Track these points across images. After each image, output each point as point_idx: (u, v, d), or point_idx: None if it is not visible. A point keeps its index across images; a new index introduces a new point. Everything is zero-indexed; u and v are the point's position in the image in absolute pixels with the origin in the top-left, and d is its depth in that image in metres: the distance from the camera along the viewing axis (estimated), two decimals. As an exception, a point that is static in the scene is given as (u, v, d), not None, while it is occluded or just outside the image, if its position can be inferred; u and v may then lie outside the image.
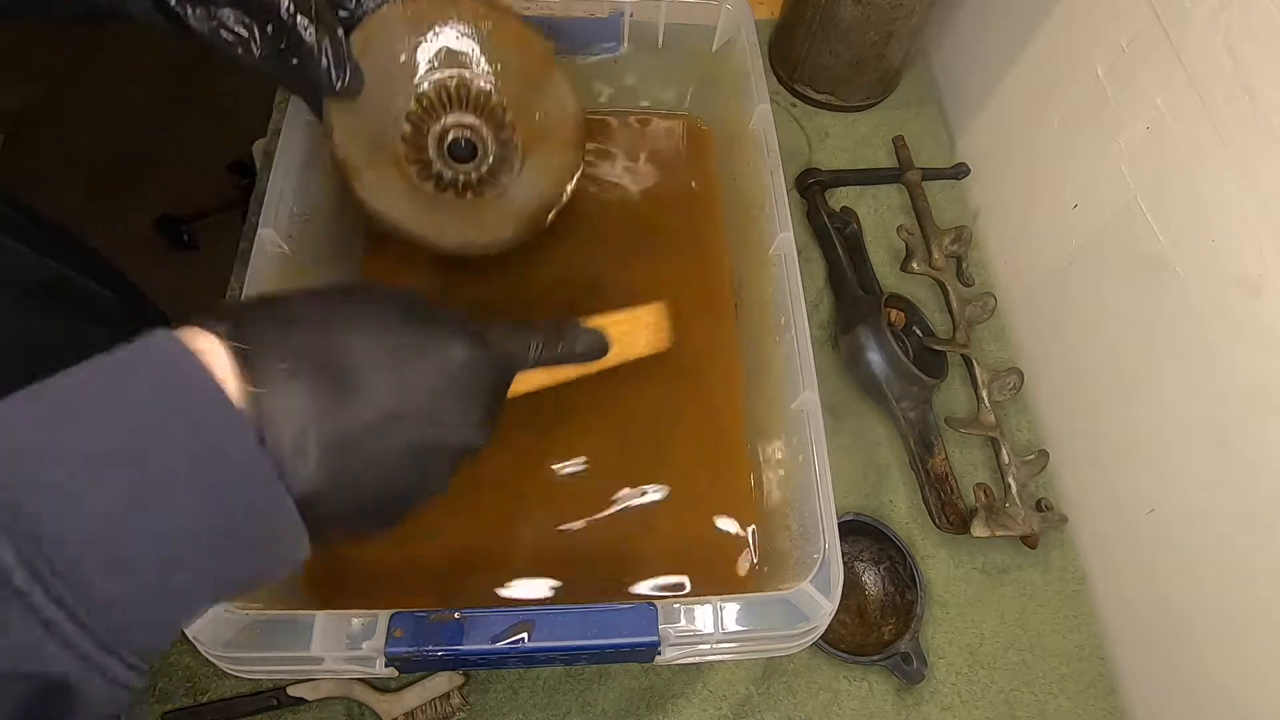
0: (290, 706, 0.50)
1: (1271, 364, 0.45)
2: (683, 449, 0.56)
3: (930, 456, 0.61)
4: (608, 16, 0.58)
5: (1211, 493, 0.50)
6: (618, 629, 0.38)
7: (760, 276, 0.53)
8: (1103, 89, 0.56)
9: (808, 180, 0.72)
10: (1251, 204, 0.45)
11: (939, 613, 0.57)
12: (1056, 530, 0.61)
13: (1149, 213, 0.53)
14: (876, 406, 0.64)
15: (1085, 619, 0.58)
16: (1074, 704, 0.55)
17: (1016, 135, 0.69)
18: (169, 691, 0.50)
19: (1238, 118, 0.45)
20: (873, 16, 0.68)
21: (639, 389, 0.57)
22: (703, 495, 0.54)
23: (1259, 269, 0.44)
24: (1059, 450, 0.62)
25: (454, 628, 0.37)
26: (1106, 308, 0.58)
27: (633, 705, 0.52)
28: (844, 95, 0.77)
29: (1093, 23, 0.58)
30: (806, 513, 0.43)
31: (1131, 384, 0.56)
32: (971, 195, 0.75)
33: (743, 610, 0.39)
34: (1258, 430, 0.46)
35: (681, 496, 0.54)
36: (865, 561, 0.59)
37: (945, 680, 0.55)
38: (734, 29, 0.59)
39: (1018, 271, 0.68)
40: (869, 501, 0.61)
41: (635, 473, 0.55)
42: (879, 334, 0.60)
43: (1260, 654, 0.47)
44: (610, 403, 0.57)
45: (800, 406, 0.45)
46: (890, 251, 0.71)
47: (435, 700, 0.51)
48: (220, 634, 0.37)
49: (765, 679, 0.54)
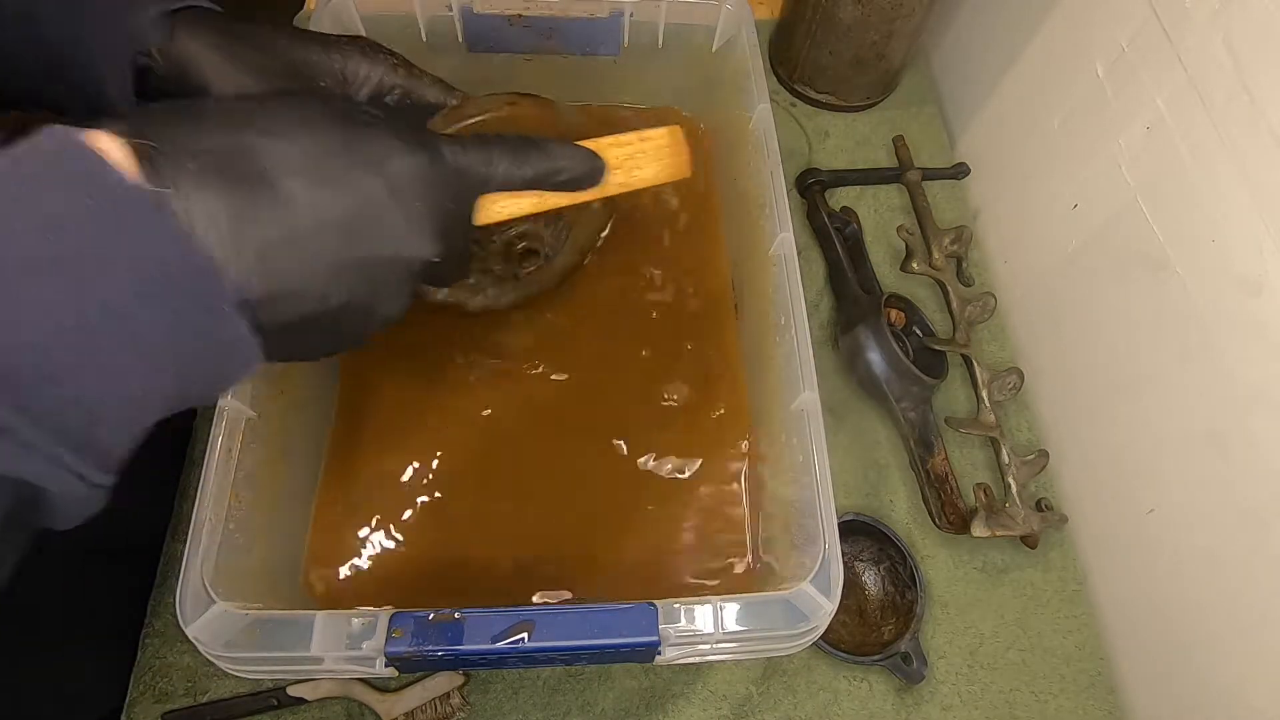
0: (290, 706, 0.50)
1: (1271, 364, 0.45)
2: (683, 449, 0.56)
3: (930, 456, 0.61)
4: (608, 16, 0.58)
5: (1211, 493, 0.50)
6: (618, 629, 0.38)
7: (760, 276, 0.53)
8: (1103, 89, 0.56)
9: (808, 180, 0.72)
10: (1251, 204, 0.45)
11: (939, 613, 0.57)
12: (1056, 530, 0.61)
13: (1149, 213, 0.53)
14: (876, 406, 0.64)
15: (1085, 619, 0.58)
16: (1074, 704, 0.55)
17: (1016, 135, 0.69)
18: (169, 691, 0.50)
19: (1238, 118, 0.45)
20: (873, 16, 0.68)
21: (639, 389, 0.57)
22: (702, 495, 0.54)
23: (1259, 269, 0.44)
24: (1059, 450, 0.62)
25: (454, 628, 0.37)
26: (1106, 308, 0.58)
27: (633, 705, 0.52)
28: (844, 95, 0.77)
29: (1093, 23, 0.58)
30: (806, 513, 0.43)
31: (1131, 384, 0.56)
32: (971, 195, 0.75)
33: (743, 610, 0.39)
34: (1258, 430, 0.46)
35: (681, 496, 0.54)
36: (865, 561, 0.59)
37: (945, 680, 0.55)
38: (734, 29, 0.59)
39: (1018, 271, 0.68)
40: (869, 501, 0.61)
41: (633, 473, 0.55)
42: (879, 334, 0.60)
43: (1260, 654, 0.47)
44: (610, 402, 0.57)
45: (800, 406, 0.45)
46: (890, 251, 0.71)
47: (435, 700, 0.51)
48: (220, 634, 0.37)
49: (765, 679, 0.54)
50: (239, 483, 0.42)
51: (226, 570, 0.39)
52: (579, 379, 0.57)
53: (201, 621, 0.36)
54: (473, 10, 0.57)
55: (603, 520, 0.53)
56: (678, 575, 0.52)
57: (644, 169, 0.37)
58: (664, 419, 0.57)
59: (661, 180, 0.38)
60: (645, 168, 0.37)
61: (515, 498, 0.53)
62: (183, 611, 0.37)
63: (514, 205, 0.34)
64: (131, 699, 0.50)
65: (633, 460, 0.55)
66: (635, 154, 0.37)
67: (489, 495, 0.53)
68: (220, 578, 0.38)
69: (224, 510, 0.40)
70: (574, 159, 0.34)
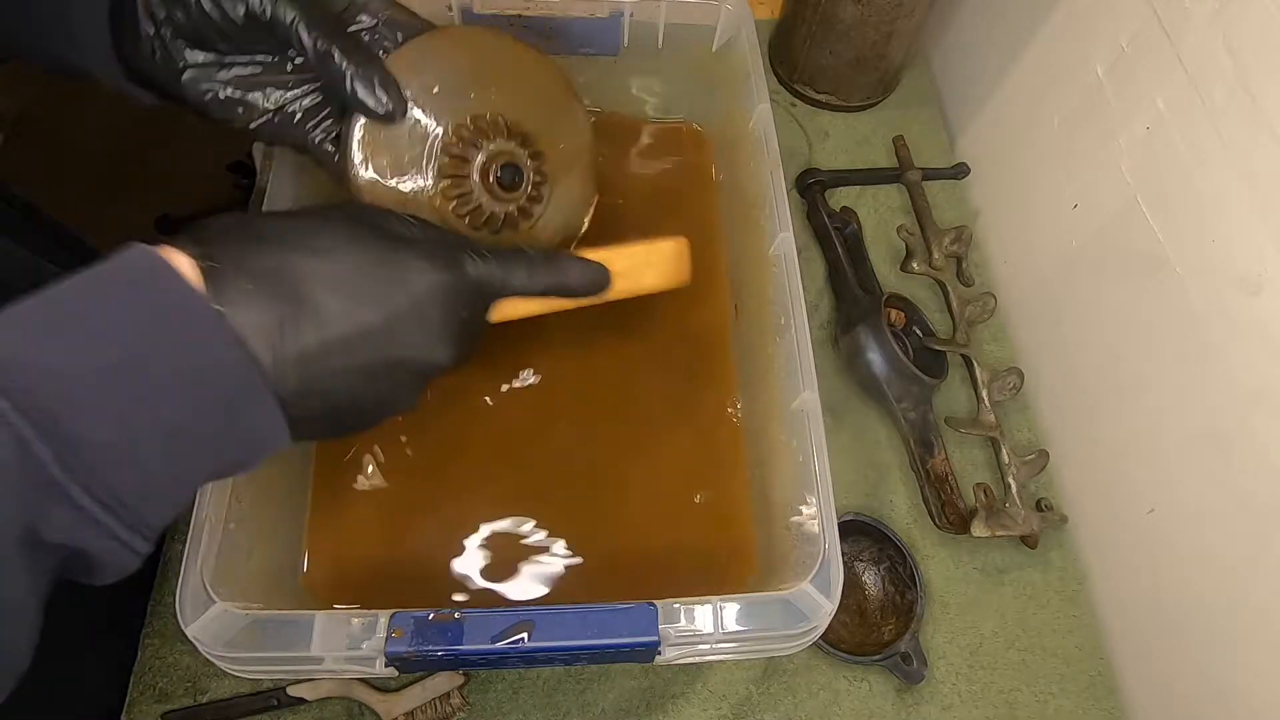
0: (290, 706, 0.50)
1: (1271, 364, 0.45)
2: (682, 449, 0.56)
3: (930, 456, 0.61)
4: (608, 16, 0.58)
5: (1211, 493, 0.50)
6: (618, 629, 0.38)
7: (760, 276, 0.53)
8: (1103, 89, 0.56)
9: (808, 180, 0.72)
10: (1251, 204, 0.45)
11: (939, 613, 0.57)
12: (1056, 530, 0.61)
13: (1149, 213, 0.53)
14: (876, 406, 0.64)
15: (1085, 619, 0.58)
16: (1074, 704, 0.55)
17: (1016, 135, 0.69)
18: (169, 691, 0.50)
19: (1238, 118, 0.45)
20: (873, 16, 0.68)
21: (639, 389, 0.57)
22: (703, 495, 0.54)
23: (1259, 269, 0.44)
24: (1059, 450, 0.62)
25: (454, 628, 0.37)
26: (1106, 308, 0.58)
27: (633, 705, 0.52)
28: (844, 95, 0.77)
29: (1093, 23, 0.58)
30: (806, 513, 0.43)
31: (1131, 384, 0.56)
32: (971, 195, 0.75)
33: (743, 610, 0.39)
34: (1257, 430, 0.46)
35: (681, 496, 0.54)
36: (865, 561, 0.59)
37: (945, 680, 0.55)
38: (734, 29, 0.59)
39: (1018, 271, 0.68)
40: (869, 501, 0.61)
41: (635, 473, 0.55)
42: (879, 334, 0.60)
43: (1260, 653, 0.47)
44: (610, 403, 0.57)
45: (800, 406, 0.45)
46: (890, 251, 0.71)
47: (435, 700, 0.51)
48: (220, 634, 0.37)
49: (765, 679, 0.54)
50: (239, 483, 0.42)
51: (226, 570, 0.39)
52: (577, 378, 0.57)
53: (201, 621, 0.36)
54: (473, 10, 0.57)
55: (602, 520, 0.53)
56: (677, 575, 0.52)
57: (647, 278, 0.39)
58: (663, 418, 0.57)
59: (660, 288, 0.40)
60: (649, 276, 0.39)
61: (515, 497, 0.53)
62: (183, 611, 0.37)
63: (524, 308, 0.37)
64: (131, 699, 0.50)
65: (632, 460, 0.55)
66: (641, 264, 0.39)
67: (489, 495, 0.53)
68: (220, 578, 0.38)
69: (224, 510, 0.40)
70: (584, 274, 0.37)
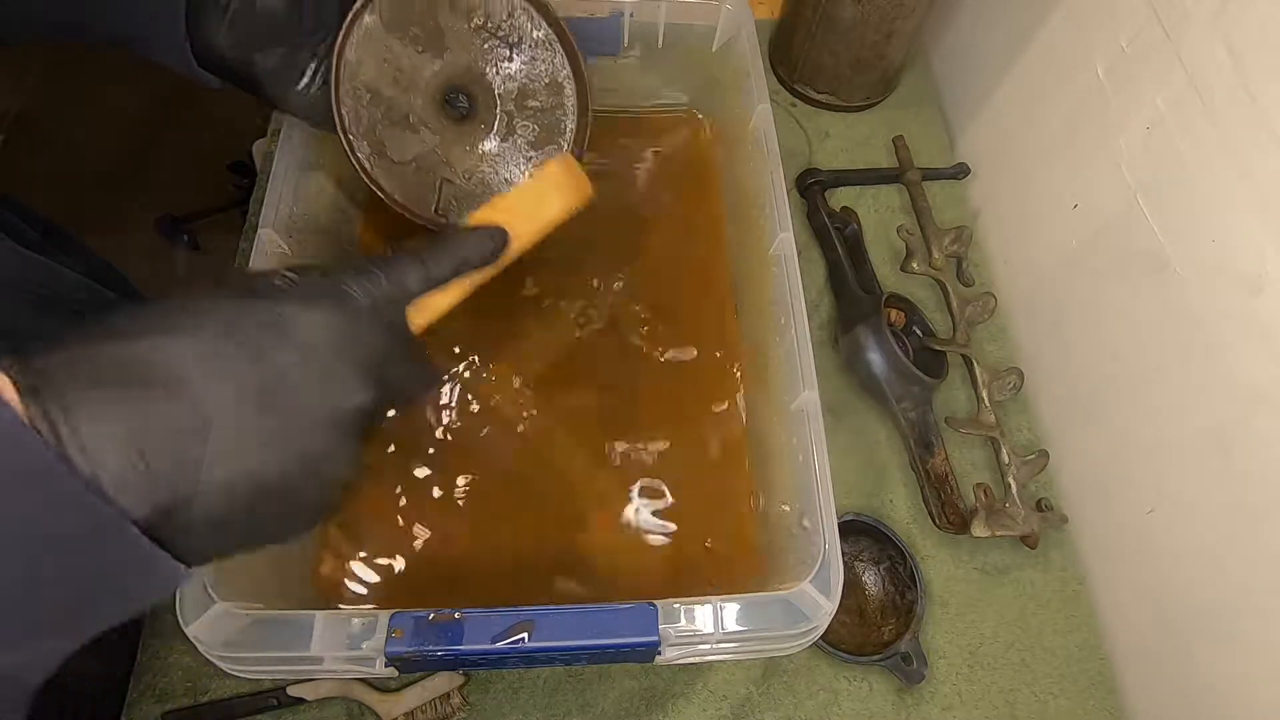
0: (290, 706, 0.50)
1: (1271, 364, 0.45)
2: (682, 448, 0.56)
3: (930, 456, 0.61)
4: (608, 16, 0.58)
5: (1212, 492, 0.50)
6: (618, 629, 0.38)
7: (760, 276, 0.53)
8: (1103, 89, 0.56)
9: (808, 180, 0.72)
10: (1251, 204, 0.45)
11: (939, 613, 0.57)
12: (1056, 530, 0.61)
13: (1149, 213, 0.53)
14: (876, 406, 0.64)
15: (1085, 619, 0.58)
16: (1074, 704, 0.55)
17: (1016, 135, 0.69)
18: (169, 691, 0.50)
19: (1238, 118, 0.45)
20: (873, 16, 0.68)
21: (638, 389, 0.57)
22: (703, 495, 0.54)
23: (1259, 269, 0.44)
24: (1059, 450, 0.62)
25: (454, 628, 0.37)
26: (1107, 308, 0.58)
27: (633, 705, 0.52)
28: (844, 95, 0.77)
29: (1093, 23, 0.58)
30: (806, 513, 0.43)
31: (1131, 384, 0.56)
32: (971, 195, 0.75)
33: (743, 610, 0.39)
34: (1258, 430, 0.46)
35: (681, 496, 0.54)
36: (865, 561, 0.59)
37: (945, 680, 0.55)
38: (734, 29, 0.59)
39: (1018, 271, 0.68)
40: (869, 501, 0.61)
41: (635, 472, 0.55)
42: (879, 334, 0.60)
43: (1260, 653, 0.47)
44: (610, 402, 0.57)
45: (800, 406, 0.45)
46: (890, 251, 0.71)
47: (435, 700, 0.51)
48: (220, 634, 0.37)
49: (765, 679, 0.54)
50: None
51: (226, 570, 0.39)
52: (578, 378, 0.57)
53: (201, 621, 0.36)
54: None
55: (603, 520, 0.53)
56: (677, 575, 0.52)
57: (548, 208, 0.38)
58: (664, 418, 0.57)
59: (570, 209, 0.39)
60: (549, 206, 0.38)
61: (516, 497, 0.53)
62: (183, 611, 0.37)
63: (444, 300, 0.35)
64: (131, 699, 0.50)
65: (632, 460, 0.55)
66: (534, 195, 0.38)
67: (489, 495, 0.53)
68: (220, 578, 0.38)
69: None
70: (479, 245, 0.35)
